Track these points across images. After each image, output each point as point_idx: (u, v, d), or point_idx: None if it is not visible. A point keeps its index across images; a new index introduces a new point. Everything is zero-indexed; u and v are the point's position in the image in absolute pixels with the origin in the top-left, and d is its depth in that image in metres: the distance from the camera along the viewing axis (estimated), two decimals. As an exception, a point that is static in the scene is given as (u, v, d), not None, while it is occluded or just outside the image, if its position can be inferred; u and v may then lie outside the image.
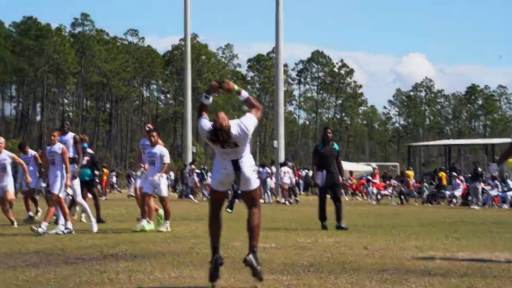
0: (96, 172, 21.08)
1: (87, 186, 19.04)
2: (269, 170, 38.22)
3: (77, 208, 17.94)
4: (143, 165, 16.37)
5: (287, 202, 35.64)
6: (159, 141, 16.13)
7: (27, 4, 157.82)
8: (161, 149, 15.90)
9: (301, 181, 48.87)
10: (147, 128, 16.44)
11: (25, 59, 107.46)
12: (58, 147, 15.30)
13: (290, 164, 40.90)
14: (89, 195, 19.20)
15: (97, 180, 22.99)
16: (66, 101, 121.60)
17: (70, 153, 15.85)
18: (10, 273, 9.05)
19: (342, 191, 40.95)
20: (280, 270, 9.31)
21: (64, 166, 15.10)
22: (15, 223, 16.93)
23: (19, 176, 18.85)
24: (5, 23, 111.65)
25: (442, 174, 40.12)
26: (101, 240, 13.73)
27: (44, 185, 19.06)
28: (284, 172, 37.11)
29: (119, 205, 30.54)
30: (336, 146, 17.59)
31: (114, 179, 59.03)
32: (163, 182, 15.84)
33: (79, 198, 16.19)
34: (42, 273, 9.00)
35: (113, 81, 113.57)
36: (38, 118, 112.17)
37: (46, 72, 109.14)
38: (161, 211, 16.12)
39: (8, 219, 17.17)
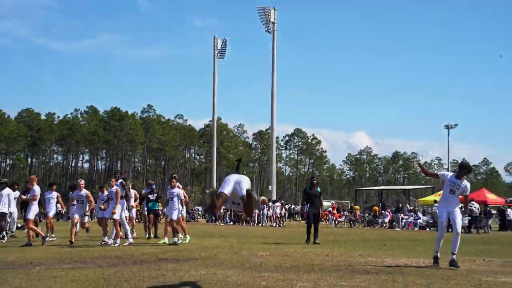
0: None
1: (154, 214, 18.94)
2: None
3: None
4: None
5: (277, 226, 35.19)
6: (177, 184, 15.69)
7: (113, 98, 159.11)
8: (177, 190, 15.53)
9: (286, 212, 48.32)
10: (173, 176, 16.22)
11: (112, 134, 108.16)
12: (114, 189, 15.30)
13: (281, 201, 40.52)
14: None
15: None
16: (136, 160, 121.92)
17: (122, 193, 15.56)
18: (99, 270, 9.03)
19: None
20: (271, 270, 9.26)
21: (116, 200, 15.13)
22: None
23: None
24: (100, 111, 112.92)
25: (376, 208, 39.94)
26: (157, 249, 13.66)
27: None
28: (276, 206, 36.79)
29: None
30: (319, 189, 17.22)
31: (165, 210, 58.74)
32: (175, 210, 15.35)
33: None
34: (119, 271, 8.97)
35: (166, 147, 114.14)
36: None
37: (124, 142, 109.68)
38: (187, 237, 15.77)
39: (85, 230, 16.82)
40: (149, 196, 18.85)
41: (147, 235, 18.44)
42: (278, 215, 36.43)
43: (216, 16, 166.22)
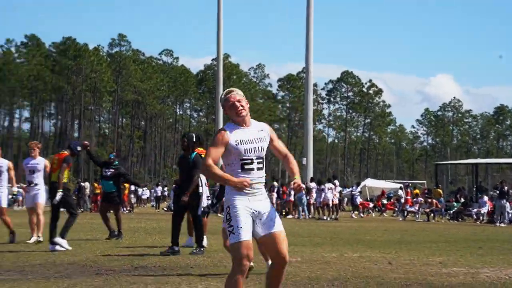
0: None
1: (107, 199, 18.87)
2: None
3: None
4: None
5: (328, 218, 34.73)
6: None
7: (66, 25, 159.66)
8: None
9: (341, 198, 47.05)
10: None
11: (64, 78, 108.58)
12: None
13: (334, 180, 39.48)
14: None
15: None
16: (102, 118, 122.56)
17: None
18: (43, 284, 9.12)
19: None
20: (304, 284, 9.29)
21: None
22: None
23: None
24: (45, 44, 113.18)
25: (439, 190, 41.01)
26: (133, 252, 13.79)
27: None
28: (328, 189, 36.54)
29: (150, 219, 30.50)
30: (192, 155, 13.88)
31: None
32: None
33: None
34: (74, 284, 9.07)
35: (147, 99, 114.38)
36: (76, 135, 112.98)
37: (84, 91, 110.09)
38: None
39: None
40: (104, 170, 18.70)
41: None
42: (329, 203, 36.10)
43: None
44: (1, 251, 13.81)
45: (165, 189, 55.42)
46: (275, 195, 39.21)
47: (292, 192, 38.24)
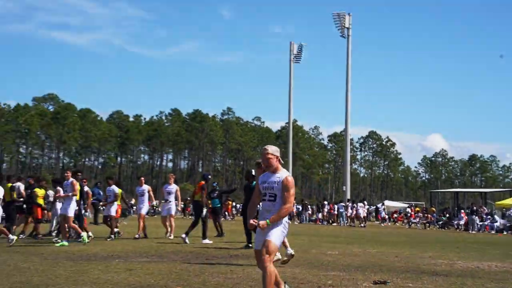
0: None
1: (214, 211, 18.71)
2: (343, 204, 37.10)
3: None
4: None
5: (359, 226, 33.97)
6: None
7: (195, 101, 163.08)
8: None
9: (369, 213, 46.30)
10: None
11: (193, 135, 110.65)
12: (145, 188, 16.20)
13: (364, 201, 39.22)
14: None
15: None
16: (216, 160, 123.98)
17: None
18: (172, 264, 9.17)
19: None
20: (339, 269, 9.07)
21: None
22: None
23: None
24: (182, 113, 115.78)
25: (433, 209, 39.40)
26: (230, 245, 13.75)
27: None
28: (360, 206, 36.19)
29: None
30: (253, 185, 12.60)
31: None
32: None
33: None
34: (191, 266, 9.08)
35: (244, 148, 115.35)
36: (200, 170, 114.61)
37: (205, 143, 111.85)
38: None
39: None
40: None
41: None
42: (360, 216, 35.66)
43: (294, 23, 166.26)
44: (149, 243, 13.99)
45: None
46: (326, 210, 38.60)
47: (336, 208, 37.80)
